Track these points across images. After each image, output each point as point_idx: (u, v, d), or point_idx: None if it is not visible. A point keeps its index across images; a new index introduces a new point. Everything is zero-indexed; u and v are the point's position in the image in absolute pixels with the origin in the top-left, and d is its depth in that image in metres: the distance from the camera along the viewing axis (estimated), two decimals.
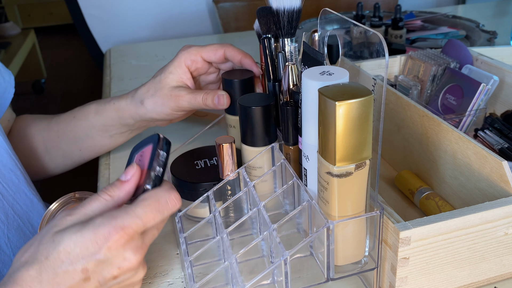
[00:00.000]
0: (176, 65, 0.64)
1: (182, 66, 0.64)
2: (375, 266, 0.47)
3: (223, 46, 0.64)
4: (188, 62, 0.64)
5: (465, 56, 0.76)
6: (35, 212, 0.65)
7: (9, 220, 0.60)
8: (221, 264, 0.47)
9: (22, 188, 0.63)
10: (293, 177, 0.50)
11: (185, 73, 0.64)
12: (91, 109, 0.70)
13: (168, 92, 0.63)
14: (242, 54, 0.64)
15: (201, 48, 0.64)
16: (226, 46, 0.64)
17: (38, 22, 4.13)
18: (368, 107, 0.39)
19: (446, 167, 0.58)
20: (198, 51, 0.64)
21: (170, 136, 0.74)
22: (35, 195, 0.65)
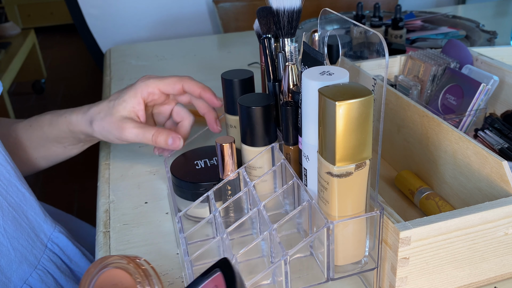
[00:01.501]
0: (132, 95, 0.63)
1: (137, 97, 0.63)
2: (375, 266, 0.47)
3: (181, 79, 0.64)
4: (145, 94, 0.64)
5: (465, 56, 0.76)
6: (28, 205, 0.65)
7: (4, 212, 0.60)
8: None
9: (14, 182, 0.63)
10: (293, 177, 0.50)
11: (138, 104, 0.64)
12: (46, 120, 0.71)
13: (116, 121, 0.63)
14: (201, 87, 0.64)
15: (159, 81, 0.64)
16: (185, 79, 0.64)
17: (38, 22, 4.13)
18: (368, 107, 0.39)
19: (446, 167, 0.58)
20: (156, 83, 0.64)
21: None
22: (27, 189, 0.66)
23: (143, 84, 0.64)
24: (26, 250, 0.63)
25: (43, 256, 0.65)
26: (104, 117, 0.63)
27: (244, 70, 0.63)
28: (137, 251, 0.58)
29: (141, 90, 0.63)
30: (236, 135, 0.60)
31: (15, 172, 0.64)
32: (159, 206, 0.66)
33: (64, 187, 2.22)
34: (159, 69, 1.18)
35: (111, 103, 0.64)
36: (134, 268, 0.46)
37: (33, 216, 0.65)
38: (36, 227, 0.66)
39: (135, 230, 0.62)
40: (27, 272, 0.62)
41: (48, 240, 0.67)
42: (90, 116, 0.65)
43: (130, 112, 0.63)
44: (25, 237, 0.63)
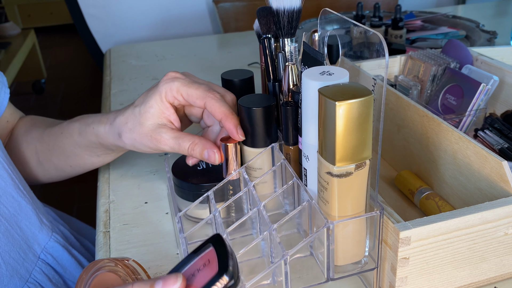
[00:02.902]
0: (158, 99, 0.56)
1: (163, 101, 0.56)
2: (375, 266, 0.47)
3: (206, 97, 0.55)
4: (170, 98, 0.56)
5: (465, 56, 0.76)
6: (23, 215, 0.63)
7: None
8: None
9: (9, 191, 0.62)
10: (293, 177, 0.50)
11: (167, 108, 0.57)
12: (75, 128, 0.66)
13: (149, 132, 0.56)
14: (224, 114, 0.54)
15: (183, 87, 0.56)
16: (209, 98, 0.54)
17: (38, 22, 4.13)
18: (368, 107, 0.39)
19: (446, 167, 0.58)
20: (179, 90, 0.56)
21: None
22: (24, 197, 0.64)
23: (167, 88, 0.56)
24: (17, 263, 0.61)
25: (35, 269, 0.64)
26: (133, 128, 0.57)
27: (244, 70, 0.63)
28: (137, 251, 0.58)
29: (166, 94, 0.56)
30: None
31: (12, 180, 0.63)
32: (159, 206, 0.66)
33: (64, 187, 2.22)
34: (159, 69, 1.18)
35: (136, 109, 0.57)
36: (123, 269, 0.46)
37: (28, 226, 0.64)
38: (29, 238, 0.64)
39: (135, 230, 0.62)
40: (18, 286, 0.61)
41: (41, 250, 0.66)
42: (117, 128, 0.59)
43: (160, 117, 0.57)
44: (17, 249, 0.61)
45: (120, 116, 0.59)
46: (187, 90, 0.55)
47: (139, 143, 0.58)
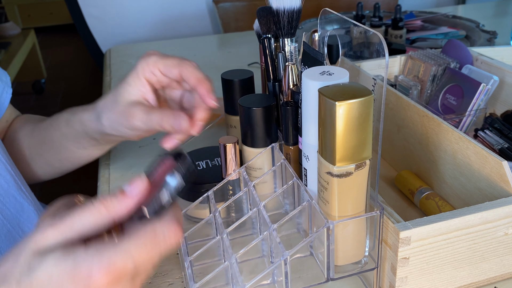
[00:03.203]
0: (135, 76, 0.56)
1: (140, 78, 0.56)
2: (375, 266, 0.47)
3: (182, 63, 0.55)
4: (147, 74, 0.56)
5: (465, 56, 0.76)
6: (25, 216, 0.63)
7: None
8: (221, 264, 0.47)
9: (12, 192, 0.61)
10: (293, 177, 0.50)
11: (144, 85, 0.56)
12: (63, 119, 0.65)
13: (124, 108, 0.55)
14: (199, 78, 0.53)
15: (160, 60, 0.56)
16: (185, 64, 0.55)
17: (38, 22, 4.13)
18: (368, 107, 0.39)
19: (446, 167, 0.58)
20: (156, 63, 0.55)
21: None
22: (26, 199, 0.63)
23: (144, 63, 0.56)
24: None
25: None
26: (111, 108, 0.57)
27: (244, 70, 0.63)
28: None
29: (143, 70, 0.55)
30: (236, 135, 0.60)
31: (15, 182, 0.63)
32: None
33: (64, 187, 2.22)
34: None
35: (114, 90, 0.57)
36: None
37: (30, 227, 0.63)
38: None
39: None
40: None
41: None
42: (98, 110, 0.58)
43: (137, 95, 0.56)
44: None
45: (102, 101, 0.59)
46: (163, 62, 0.55)
47: (116, 123, 0.57)
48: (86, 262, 0.35)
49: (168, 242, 0.38)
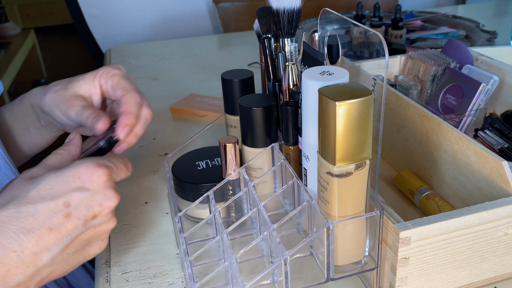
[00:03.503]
0: (92, 76, 0.59)
1: (95, 79, 0.59)
2: (375, 266, 0.47)
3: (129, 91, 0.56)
4: (101, 80, 0.59)
5: (465, 56, 0.76)
6: None
7: None
8: (221, 264, 0.47)
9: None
10: (293, 177, 0.50)
11: (95, 87, 0.59)
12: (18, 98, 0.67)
13: (68, 97, 0.58)
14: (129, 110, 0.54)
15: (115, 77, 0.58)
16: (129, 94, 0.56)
17: (38, 22, 4.13)
18: (368, 107, 0.39)
19: (446, 167, 0.58)
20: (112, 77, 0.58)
21: (170, 135, 0.75)
22: None
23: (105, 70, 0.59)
24: None
25: None
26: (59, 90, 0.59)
27: (244, 70, 0.63)
28: (137, 251, 0.58)
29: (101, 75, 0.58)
30: (236, 135, 0.60)
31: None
32: (159, 206, 0.66)
33: None
34: (159, 69, 1.18)
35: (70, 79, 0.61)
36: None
37: None
38: None
39: (135, 230, 0.62)
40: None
41: None
42: (48, 88, 0.61)
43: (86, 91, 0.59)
44: None
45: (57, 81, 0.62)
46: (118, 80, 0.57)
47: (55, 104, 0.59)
48: (85, 163, 0.43)
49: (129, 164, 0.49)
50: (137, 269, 0.55)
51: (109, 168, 0.45)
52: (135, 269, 0.55)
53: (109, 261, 0.57)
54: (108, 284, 0.53)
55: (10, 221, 0.39)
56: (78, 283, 0.71)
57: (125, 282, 0.53)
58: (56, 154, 0.47)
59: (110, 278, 0.54)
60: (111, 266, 0.56)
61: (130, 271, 0.55)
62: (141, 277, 0.54)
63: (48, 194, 0.41)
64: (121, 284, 0.53)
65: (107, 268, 0.56)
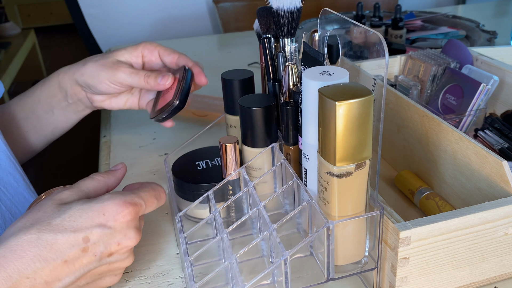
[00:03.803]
0: (133, 47, 0.65)
1: (137, 50, 0.64)
2: (375, 266, 0.47)
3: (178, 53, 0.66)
4: (145, 51, 0.64)
5: (465, 56, 0.76)
6: None
7: (6, 224, 0.60)
8: (221, 264, 0.47)
9: (21, 191, 0.62)
10: (293, 177, 0.50)
11: (137, 57, 0.64)
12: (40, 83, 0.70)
13: (109, 63, 0.63)
14: (193, 62, 0.65)
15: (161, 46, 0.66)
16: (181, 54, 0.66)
17: (38, 22, 4.13)
18: (368, 107, 0.39)
19: (446, 167, 0.58)
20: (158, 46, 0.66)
21: (170, 135, 0.75)
22: (34, 197, 0.65)
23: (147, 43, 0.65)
24: None
25: None
26: (99, 59, 0.63)
27: (244, 70, 0.63)
28: (137, 251, 0.58)
29: (143, 46, 0.64)
30: (236, 135, 0.60)
31: (24, 181, 0.64)
32: (159, 206, 0.66)
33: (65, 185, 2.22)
34: None
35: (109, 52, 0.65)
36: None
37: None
38: None
39: None
40: None
41: None
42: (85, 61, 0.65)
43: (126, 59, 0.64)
44: None
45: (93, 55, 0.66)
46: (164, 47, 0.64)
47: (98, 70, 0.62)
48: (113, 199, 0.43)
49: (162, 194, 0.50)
50: (137, 269, 0.55)
51: (136, 206, 0.45)
52: (135, 269, 0.55)
53: None
54: None
55: (29, 247, 0.40)
56: None
57: (125, 282, 0.53)
58: (93, 180, 0.47)
59: None
60: None
61: (130, 271, 0.55)
62: (141, 277, 0.54)
63: (71, 226, 0.41)
64: (121, 284, 0.53)
65: None
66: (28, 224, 0.41)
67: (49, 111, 0.70)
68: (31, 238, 0.40)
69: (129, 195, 0.45)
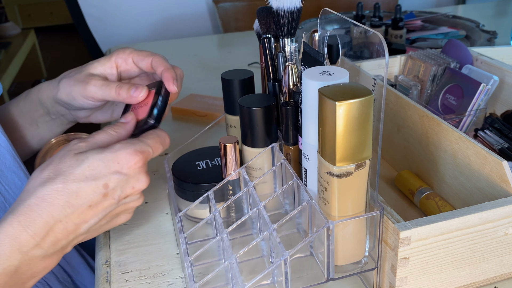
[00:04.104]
0: (106, 58, 0.62)
1: (111, 61, 0.62)
2: (375, 266, 0.47)
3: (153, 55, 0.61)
4: (119, 60, 0.62)
5: (465, 56, 0.76)
6: None
7: None
8: (221, 264, 0.47)
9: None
10: (293, 177, 0.50)
11: (111, 67, 0.62)
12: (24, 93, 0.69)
13: (83, 76, 0.60)
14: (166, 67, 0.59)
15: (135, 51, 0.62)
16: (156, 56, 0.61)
17: (38, 22, 4.13)
18: (368, 107, 0.39)
19: (446, 167, 0.58)
20: (131, 52, 0.62)
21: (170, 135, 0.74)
22: None
23: (120, 51, 0.62)
24: None
25: None
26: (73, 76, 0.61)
27: (244, 70, 0.63)
28: (137, 251, 0.58)
29: (116, 55, 0.62)
30: (236, 135, 0.60)
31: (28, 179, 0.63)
32: (159, 206, 0.66)
33: None
34: None
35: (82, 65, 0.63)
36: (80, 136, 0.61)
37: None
38: None
39: (135, 230, 0.62)
40: None
41: None
42: (61, 77, 0.64)
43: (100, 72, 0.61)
44: None
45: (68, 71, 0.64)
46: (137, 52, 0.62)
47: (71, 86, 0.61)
48: (125, 148, 0.48)
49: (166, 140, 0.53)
50: (137, 269, 0.55)
51: (145, 154, 0.50)
52: (135, 269, 0.55)
53: (109, 261, 0.57)
54: (108, 284, 0.53)
55: (58, 195, 0.45)
56: (84, 282, 0.71)
57: (125, 282, 0.53)
58: (106, 133, 0.51)
59: (110, 278, 0.54)
60: (111, 266, 0.56)
61: (130, 271, 0.55)
62: (141, 277, 0.54)
63: (91, 174, 0.47)
64: (121, 284, 0.53)
65: (107, 268, 0.56)
66: (52, 175, 0.46)
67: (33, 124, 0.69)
68: (58, 187, 0.46)
69: (138, 143, 0.50)
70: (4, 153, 0.62)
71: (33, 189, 0.46)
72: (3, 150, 0.62)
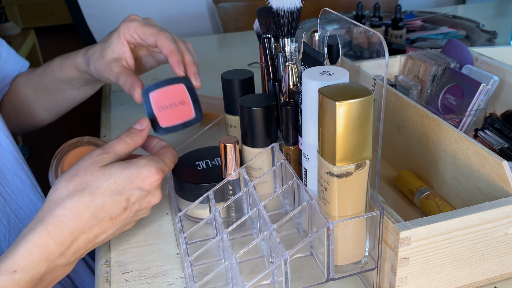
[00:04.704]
0: (116, 37, 0.64)
1: (121, 39, 0.64)
2: (375, 266, 0.47)
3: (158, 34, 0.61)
4: (127, 36, 0.64)
5: (465, 56, 0.76)
6: None
7: (11, 225, 0.60)
8: (221, 264, 0.47)
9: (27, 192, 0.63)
10: (293, 177, 0.50)
11: (123, 45, 0.64)
12: (56, 64, 0.74)
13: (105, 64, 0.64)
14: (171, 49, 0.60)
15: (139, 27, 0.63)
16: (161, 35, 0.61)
17: (38, 22, 4.13)
18: (368, 107, 0.39)
19: (446, 167, 0.58)
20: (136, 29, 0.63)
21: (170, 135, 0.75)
22: (40, 199, 0.65)
23: (125, 27, 0.64)
24: None
25: None
26: (97, 60, 0.65)
27: (244, 70, 0.63)
28: (137, 251, 0.58)
29: (124, 32, 0.64)
30: (236, 135, 0.60)
31: (31, 182, 0.64)
32: (159, 206, 0.66)
33: None
34: (159, 69, 1.18)
35: (102, 45, 0.66)
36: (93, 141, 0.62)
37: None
38: None
39: (135, 230, 0.62)
40: None
41: None
42: (87, 58, 0.68)
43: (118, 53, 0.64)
44: None
45: (91, 49, 0.68)
46: (142, 29, 0.63)
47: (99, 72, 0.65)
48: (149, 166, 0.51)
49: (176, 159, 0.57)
50: (137, 269, 0.55)
51: (164, 172, 0.53)
52: (135, 269, 0.55)
53: (109, 261, 0.57)
54: (108, 284, 0.53)
55: (85, 208, 0.48)
56: (83, 283, 0.71)
57: (125, 282, 0.53)
58: (124, 143, 0.53)
59: (110, 278, 0.54)
60: (111, 266, 0.56)
61: (130, 271, 0.55)
62: (141, 277, 0.54)
63: (116, 189, 0.49)
64: (121, 284, 0.53)
65: (107, 268, 0.56)
66: (80, 188, 0.48)
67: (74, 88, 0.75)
68: (86, 200, 0.48)
69: (160, 162, 0.53)
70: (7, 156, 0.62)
71: (60, 199, 0.48)
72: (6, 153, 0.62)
